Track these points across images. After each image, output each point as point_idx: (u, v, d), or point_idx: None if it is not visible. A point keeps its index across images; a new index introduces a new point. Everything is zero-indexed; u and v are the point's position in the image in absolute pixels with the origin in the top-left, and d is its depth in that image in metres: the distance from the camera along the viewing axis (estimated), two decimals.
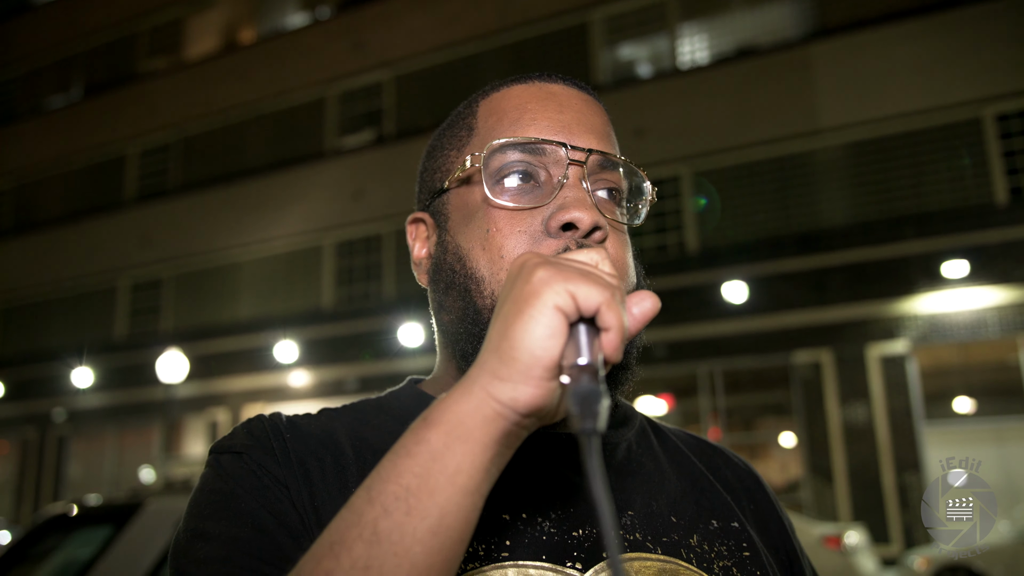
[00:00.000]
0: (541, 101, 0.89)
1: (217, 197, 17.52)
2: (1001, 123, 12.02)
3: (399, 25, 16.40)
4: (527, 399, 0.59)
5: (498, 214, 0.83)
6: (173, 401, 15.06)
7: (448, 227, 0.89)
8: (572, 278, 0.59)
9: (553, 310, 0.58)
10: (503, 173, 0.84)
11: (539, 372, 0.59)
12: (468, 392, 0.61)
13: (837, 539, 9.53)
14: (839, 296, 12.38)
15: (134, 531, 3.68)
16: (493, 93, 0.92)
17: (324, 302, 16.21)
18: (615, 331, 0.59)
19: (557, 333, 0.58)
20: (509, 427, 0.61)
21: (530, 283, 0.60)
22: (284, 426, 0.83)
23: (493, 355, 0.61)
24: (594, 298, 0.59)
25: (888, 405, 12.04)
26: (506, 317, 0.61)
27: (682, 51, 14.54)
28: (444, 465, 0.60)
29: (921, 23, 12.53)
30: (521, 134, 0.85)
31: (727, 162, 13.46)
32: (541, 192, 0.84)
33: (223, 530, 0.73)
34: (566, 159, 0.83)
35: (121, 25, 19.91)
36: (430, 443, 0.61)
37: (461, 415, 0.61)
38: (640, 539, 0.82)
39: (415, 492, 0.60)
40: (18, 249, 19.85)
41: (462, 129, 0.92)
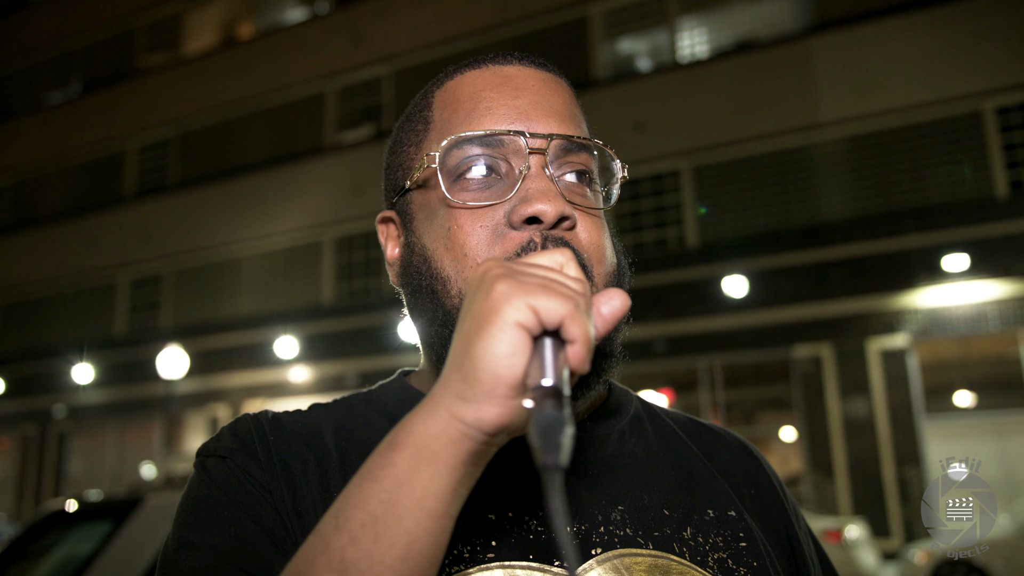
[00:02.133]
0: (496, 87, 0.85)
1: (216, 193, 17.51)
2: (1001, 116, 12.01)
3: (398, 20, 16.37)
4: (492, 419, 0.57)
5: (459, 212, 0.80)
6: (173, 397, 15.07)
7: (413, 227, 0.86)
8: (533, 291, 0.57)
9: (514, 327, 0.56)
10: (462, 169, 0.81)
11: (503, 391, 0.56)
12: (433, 413, 0.59)
13: (837, 533, 9.54)
14: (839, 290, 12.38)
15: (134, 527, 3.68)
16: (447, 81, 0.90)
17: (324, 298, 16.21)
18: (580, 343, 0.56)
19: (520, 350, 0.56)
20: (476, 447, 0.59)
21: (490, 298, 0.57)
22: (269, 427, 0.82)
23: (456, 375, 0.58)
24: (556, 311, 0.56)
25: (888, 399, 12.04)
26: (467, 335, 0.58)
27: (681, 45, 14.51)
28: (411, 489, 0.58)
29: (921, 16, 12.51)
30: (477, 126, 0.82)
31: (727, 156, 13.45)
32: (504, 185, 0.81)
33: (206, 539, 0.73)
34: (526, 148, 0.80)
35: (120, 20, 19.88)
36: (396, 467, 0.59)
37: (427, 437, 0.59)
38: (631, 534, 0.80)
39: (382, 518, 0.58)
40: (18, 245, 19.85)
41: (419, 123, 0.89)
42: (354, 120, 16.81)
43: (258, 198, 16.83)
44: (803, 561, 0.91)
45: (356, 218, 15.88)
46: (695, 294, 12.98)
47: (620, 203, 1.01)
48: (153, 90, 18.85)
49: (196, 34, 19.13)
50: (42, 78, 21.05)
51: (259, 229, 16.78)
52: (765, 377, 13.55)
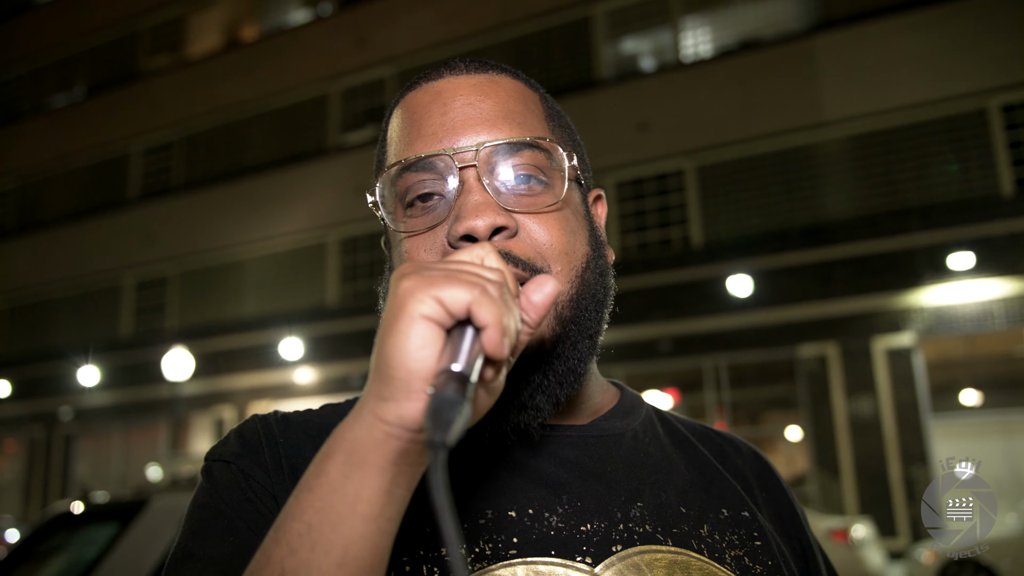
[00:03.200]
0: (426, 107, 0.85)
1: (221, 194, 17.54)
2: (1007, 114, 11.97)
3: (401, 21, 16.38)
4: (413, 414, 0.57)
5: (407, 239, 0.82)
6: (179, 399, 15.09)
7: (390, 253, 0.90)
8: (436, 282, 0.57)
9: (421, 320, 0.56)
10: (409, 197, 0.83)
11: (418, 385, 0.56)
12: (358, 417, 0.60)
13: (844, 532, 9.52)
14: (844, 289, 12.35)
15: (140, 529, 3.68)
16: (396, 105, 0.90)
17: (329, 299, 16.22)
18: (492, 327, 0.56)
19: (429, 342, 0.56)
20: (404, 445, 0.59)
21: (396, 296, 0.58)
22: (278, 428, 0.83)
23: (374, 375, 0.59)
24: (461, 299, 0.57)
25: (894, 398, 12.01)
26: (381, 335, 0.59)
27: (685, 44, 14.49)
28: (343, 495, 0.58)
29: (925, 14, 12.48)
30: (410, 152, 0.83)
31: (731, 155, 13.43)
32: (443, 206, 0.81)
33: (207, 551, 0.73)
34: (455, 166, 0.80)
35: (123, 23, 19.92)
36: (328, 475, 0.59)
37: (354, 442, 0.59)
38: (650, 531, 0.81)
39: (317, 527, 0.58)
40: (23, 248, 19.90)
41: (384, 144, 0.91)
42: (358, 121, 16.82)
43: (262, 200, 16.85)
44: (815, 564, 0.93)
45: (360, 219, 15.89)
46: (700, 294, 12.96)
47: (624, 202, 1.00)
48: (157, 93, 18.89)
49: (199, 36, 19.16)
50: (46, 81, 21.10)
51: (264, 231, 16.80)
52: (770, 376, 13.53)
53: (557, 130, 0.89)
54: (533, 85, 0.92)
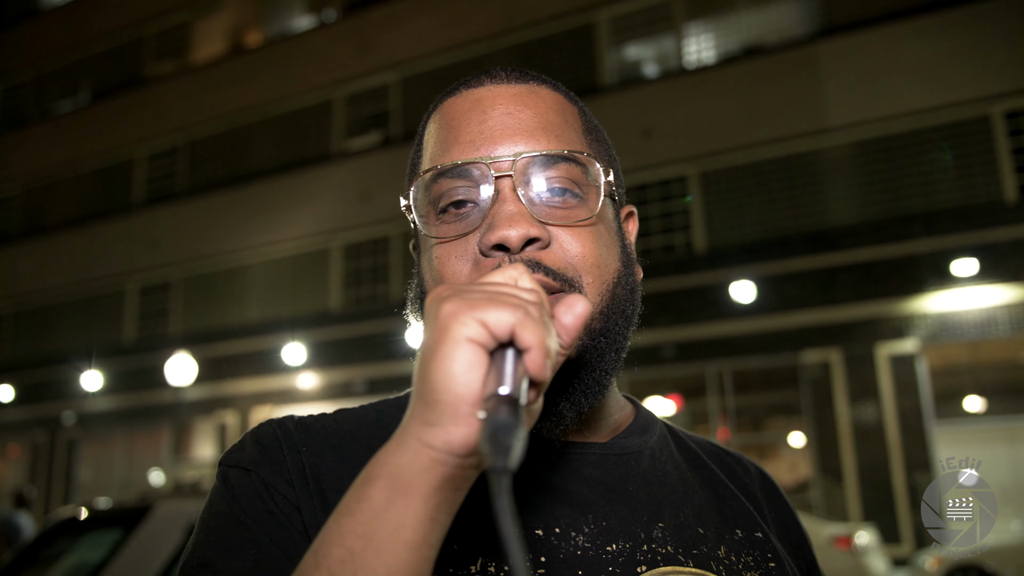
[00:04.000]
0: (465, 114, 0.85)
1: (225, 200, 17.57)
2: (1010, 120, 11.97)
3: (405, 27, 16.42)
4: (460, 439, 0.56)
5: (439, 245, 0.82)
6: (182, 404, 15.10)
7: (419, 258, 0.89)
8: (479, 305, 0.57)
9: (466, 343, 0.56)
10: (441, 204, 0.82)
11: (465, 409, 0.56)
12: (402, 442, 0.59)
13: (847, 539, 9.49)
14: (848, 295, 12.34)
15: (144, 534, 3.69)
16: (435, 112, 0.90)
17: (332, 304, 16.23)
18: (536, 350, 0.56)
19: (475, 366, 0.56)
20: (450, 471, 0.58)
21: (439, 319, 0.57)
22: (298, 435, 0.81)
23: (418, 400, 0.58)
24: (505, 321, 0.56)
25: (898, 404, 11.99)
26: (423, 359, 0.58)
27: (688, 51, 14.51)
28: (386, 521, 0.58)
29: (929, 20, 12.48)
30: (446, 158, 0.83)
31: (734, 161, 13.43)
32: (477, 213, 0.81)
33: (226, 563, 0.71)
34: (491, 175, 0.80)
35: (128, 29, 19.98)
36: (371, 500, 0.59)
37: (398, 468, 0.58)
38: (672, 552, 0.81)
39: (360, 553, 0.58)
40: (27, 253, 19.93)
41: (419, 146, 0.90)
42: (362, 127, 16.85)
43: (266, 205, 16.87)
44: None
45: (364, 225, 15.91)
46: (703, 299, 12.95)
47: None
48: (162, 98, 18.93)
49: (204, 42, 19.21)
50: (51, 87, 21.16)
51: (267, 236, 16.82)
52: (774, 382, 13.51)
53: (594, 144, 0.89)
54: (572, 98, 0.92)
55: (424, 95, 16.50)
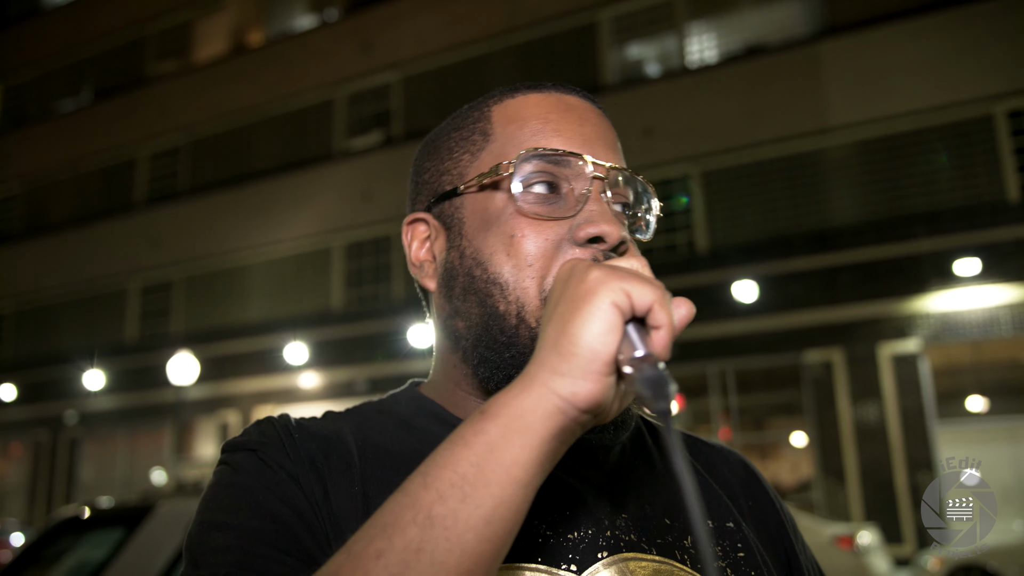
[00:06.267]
0: (561, 112, 0.89)
1: (226, 199, 17.58)
2: (1013, 120, 11.95)
3: (407, 26, 16.42)
4: (587, 394, 0.62)
5: (525, 221, 0.83)
6: (184, 403, 15.11)
7: (464, 231, 0.87)
8: (626, 277, 0.63)
9: (610, 306, 0.61)
10: (529, 181, 0.84)
11: (598, 367, 0.61)
12: (528, 387, 0.63)
13: (849, 539, 9.49)
14: (850, 295, 12.33)
15: (146, 533, 3.69)
16: (508, 99, 0.91)
17: (334, 303, 16.24)
18: (666, 329, 0.63)
19: (614, 328, 0.61)
20: (567, 422, 0.63)
21: (585, 282, 0.63)
22: (293, 427, 0.83)
23: (552, 351, 0.63)
24: (648, 297, 0.62)
25: (900, 404, 11.98)
26: (563, 315, 0.63)
27: (690, 50, 14.50)
28: (501, 456, 0.61)
29: (931, 20, 12.47)
30: (545, 144, 0.85)
31: (736, 161, 13.42)
32: (564, 204, 0.84)
33: (241, 521, 0.73)
34: (590, 173, 0.84)
35: (130, 29, 20.00)
36: (488, 434, 0.62)
37: (521, 409, 0.62)
38: (635, 540, 0.82)
39: (471, 481, 0.61)
40: (29, 252, 19.96)
41: (474, 133, 0.90)
42: (363, 126, 16.86)
43: (268, 204, 16.89)
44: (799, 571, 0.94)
45: (366, 224, 15.92)
46: (705, 299, 12.94)
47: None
48: (163, 97, 18.95)
49: (206, 42, 19.23)
50: (53, 86, 21.19)
51: (269, 235, 16.84)
52: (776, 382, 13.50)
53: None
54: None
55: (426, 94, 16.55)
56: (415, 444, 0.84)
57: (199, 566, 0.71)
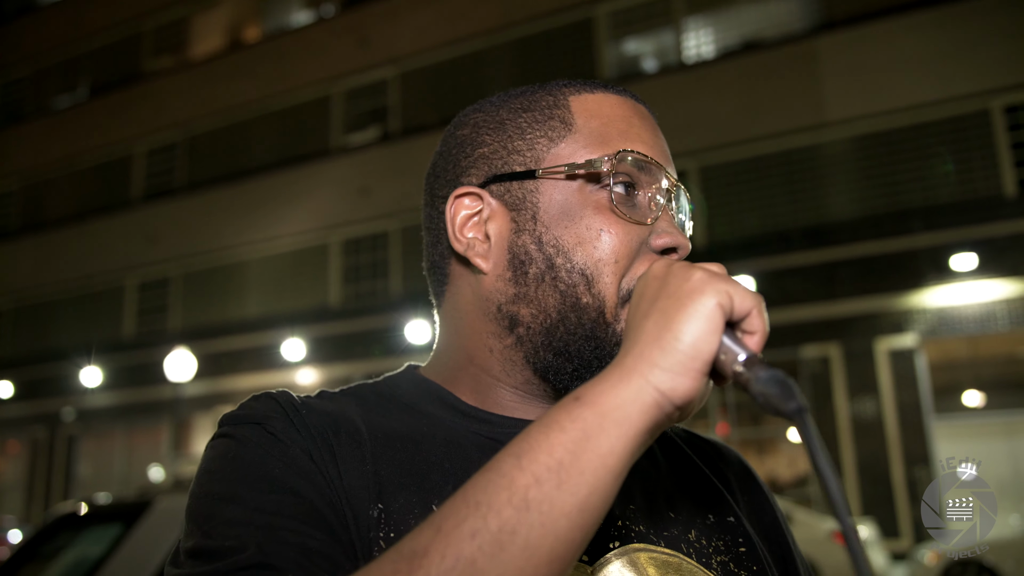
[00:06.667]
0: (641, 119, 0.91)
1: (224, 195, 17.56)
2: (1009, 115, 11.96)
3: (404, 22, 16.39)
4: (685, 390, 0.63)
5: (613, 219, 0.82)
6: (181, 400, 15.11)
7: (539, 217, 0.84)
8: (729, 281, 0.65)
9: (716, 307, 0.63)
10: (615, 180, 0.83)
11: (699, 365, 0.62)
12: (627, 379, 0.63)
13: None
14: (847, 290, 12.35)
15: (144, 529, 3.69)
16: (586, 93, 0.90)
17: (331, 300, 16.23)
18: (760, 335, 0.65)
19: (717, 329, 0.63)
20: (661, 417, 0.63)
21: (690, 282, 0.65)
22: (297, 403, 0.81)
23: (653, 346, 0.63)
24: (749, 301, 0.64)
25: (897, 399, 12.00)
26: (665, 311, 0.64)
27: (687, 45, 14.49)
28: (598, 444, 0.61)
29: (928, 15, 12.47)
30: (632, 147, 0.85)
31: (733, 156, 13.43)
32: (638, 209, 0.84)
33: (256, 494, 0.69)
34: (666, 185, 0.85)
35: (126, 24, 19.95)
36: (586, 421, 0.62)
37: (620, 400, 0.63)
38: (645, 531, 0.82)
39: (567, 467, 0.60)
40: (26, 249, 19.93)
41: (552, 119, 0.88)
42: (361, 122, 16.84)
43: (265, 201, 16.86)
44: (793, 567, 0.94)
45: (363, 220, 15.91)
46: None
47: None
48: (160, 93, 18.91)
49: (202, 37, 19.18)
50: (50, 82, 21.13)
51: (266, 231, 16.82)
52: None
53: None
54: None
55: (423, 90, 16.53)
56: (423, 428, 0.83)
57: (212, 536, 0.67)
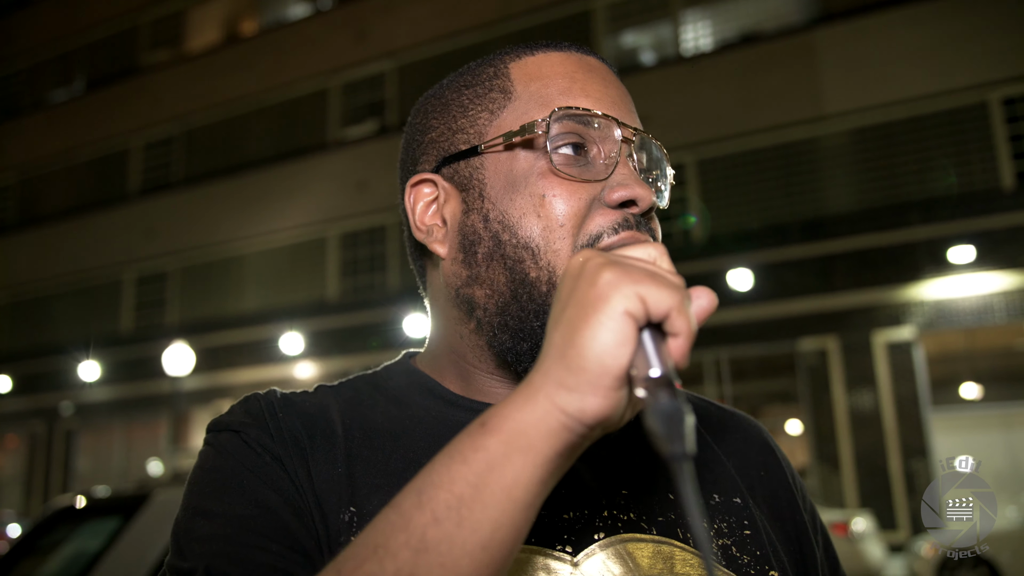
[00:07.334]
0: (586, 72, 0.85)
1: (221, 189, 17.53)
2: (1007, 107, 11.95)
3: (401, 15, 16.35)
4: (595, 410, 0.56)
5: (556, 181, 0.79)
6: (180, 394, 15.11)
7: (485, 193, 0.82)
8: (641, 280, 0.56)
9: (623, 315, 0.55)
10: (558, 143, 0.80)
11: (608, 382, 0.55)
12: (531, 400, 0.58)
13: (844, 526, 9.54)
14: (845, 283, 12.35)
15: (142, 522, 3.69)
16: (527, 56, 0.86)
17: (329, 294, 16.22)
18: (684, 337, 0.56)
19: (627, 340, 0.55)
20: (573, 439, 0.57)
21: (596, 286, 0.56)
22: (278, 404, 0.81)
23: (558, 363, 0.57)
24: (665, 302, 0.55)
25: (895, 392, 12.02)
26: (570, 322, 0.57)
27: (685, 38, 14.47)
28: (501, 476, 0.57)
29: (926, 7, 12.45)
30: (574, 103, 0.81)
31: (731, 149, 13.41)
32: (592, 166, 0.80)
33: (225, 508, 0.71)
34: (619, 137, 0.81)
35: (123, 18, 19.89)
36: (488, 451, 0.57)
37: (524, 425, 0.57)
38: (634, 519, 0.79)
39: (468, 503, 0.56)
40: (23, 243, 19.90)
41: (492, 90, 0.85)
42: (358, 116, 16.80)
43: (262, 194, 16.84)
44: (808, 547, 0.90)
45: (361, 214, 15.89)
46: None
47: None
48: (157, 87, 18.86)
49: (199, 31, 19.13)
50: (46, 76, 21.07)
51: (264, 225, 16.80)
52: (771, 370, 13.53)
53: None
54: None
55: (420, 83, 16.46)
56: (405, 421, 0.82)
57: (185, 556, 0.70)
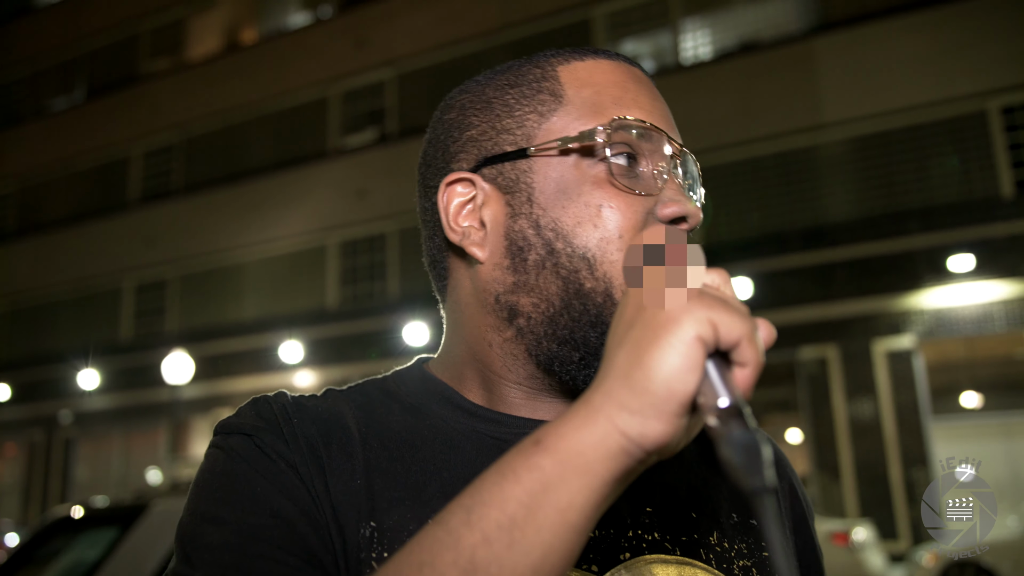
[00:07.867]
0: (636, 84, 0.83)
1: (221, 197, 17.54)
2: (1006, 116, 11.97)
3: (401, 23, 16.39)
4: (656, 435, 0.54)
5: (614, 192, 0.77)
6: (179, 402, 15.09)
7: (534, 198, 0.79)
8: (713, 306, 0.54)
9: (694, 340, 0.53)
10: (614, 151, 0.78)
11: (673, 407, 0.53)
12: (591, 420, 0.55)
13: (845, 535, 9.51)
14: (844, 291, 12.35)
15: (140, 533, 3.68)
16: (576, 61, 0.84)
17: (329, 302, 16.21)
18: (752, 367, 0.55)
19: (696, 366, 0.53)
20: (631, 463, 0.55)
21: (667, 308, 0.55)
22: (291, 408, 0.79)
23: (622, 384, 0.55)
24: (736, 331, 0.54)
25: (895, 400, 12.00)
26: (637, 342, 0.55)
27: (685, 46, 14.50)
28: (556, 498, 0.54)
29: (925, 16, 12.48)
30: (628, 113, 0.79)
31: (730, 157, 13.42)
32: (641, 179, 0.78)
33: (237, 515, 0.68)
34: (669, 152, 0.79)
35: (123, 26, 19.93)
36: (543, 471, 0.55)
37: (582, 445, 0.55)
38: (659, 539, 0.78)
39: (520, 524, 0.54)
40: (23, 251, 19.90)
41: (541, 92, 0.82)
42: (358, 124, 16.82)
43: (262, 203, 16.85)
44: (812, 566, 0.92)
45: (360, 222, 15.89)
46: None
47: None
48: (157, 95, 18.89)
49: (199, 39, 19.17)
50: (46, 84, 21.10)
51: (263, 234, 16.80)
52: (771, 379, 13.51)
53: None
54: None
55: (420, 92, 16.51)
56: (424, 430, 0.80)
57: (192, 564, 0.67)
